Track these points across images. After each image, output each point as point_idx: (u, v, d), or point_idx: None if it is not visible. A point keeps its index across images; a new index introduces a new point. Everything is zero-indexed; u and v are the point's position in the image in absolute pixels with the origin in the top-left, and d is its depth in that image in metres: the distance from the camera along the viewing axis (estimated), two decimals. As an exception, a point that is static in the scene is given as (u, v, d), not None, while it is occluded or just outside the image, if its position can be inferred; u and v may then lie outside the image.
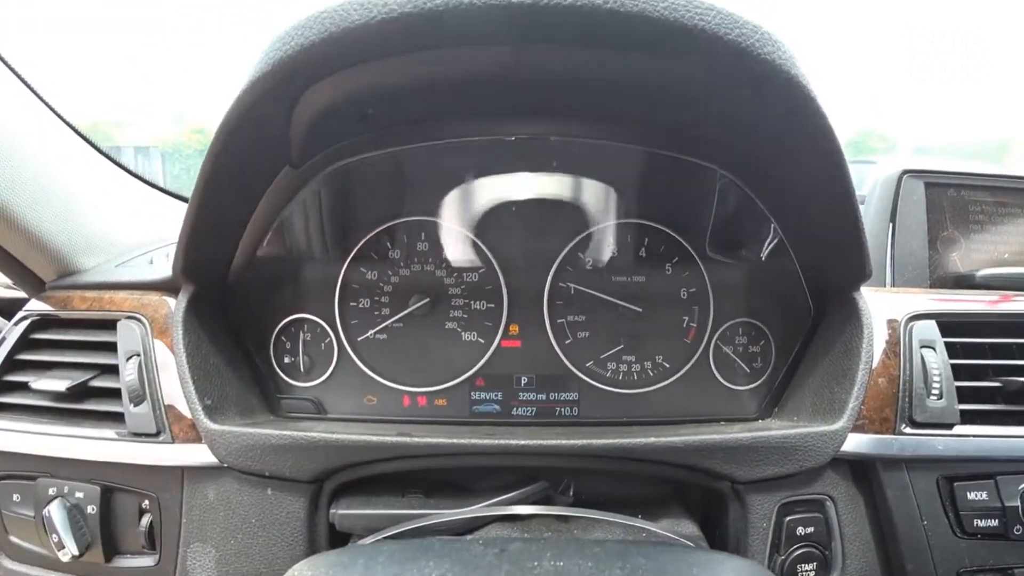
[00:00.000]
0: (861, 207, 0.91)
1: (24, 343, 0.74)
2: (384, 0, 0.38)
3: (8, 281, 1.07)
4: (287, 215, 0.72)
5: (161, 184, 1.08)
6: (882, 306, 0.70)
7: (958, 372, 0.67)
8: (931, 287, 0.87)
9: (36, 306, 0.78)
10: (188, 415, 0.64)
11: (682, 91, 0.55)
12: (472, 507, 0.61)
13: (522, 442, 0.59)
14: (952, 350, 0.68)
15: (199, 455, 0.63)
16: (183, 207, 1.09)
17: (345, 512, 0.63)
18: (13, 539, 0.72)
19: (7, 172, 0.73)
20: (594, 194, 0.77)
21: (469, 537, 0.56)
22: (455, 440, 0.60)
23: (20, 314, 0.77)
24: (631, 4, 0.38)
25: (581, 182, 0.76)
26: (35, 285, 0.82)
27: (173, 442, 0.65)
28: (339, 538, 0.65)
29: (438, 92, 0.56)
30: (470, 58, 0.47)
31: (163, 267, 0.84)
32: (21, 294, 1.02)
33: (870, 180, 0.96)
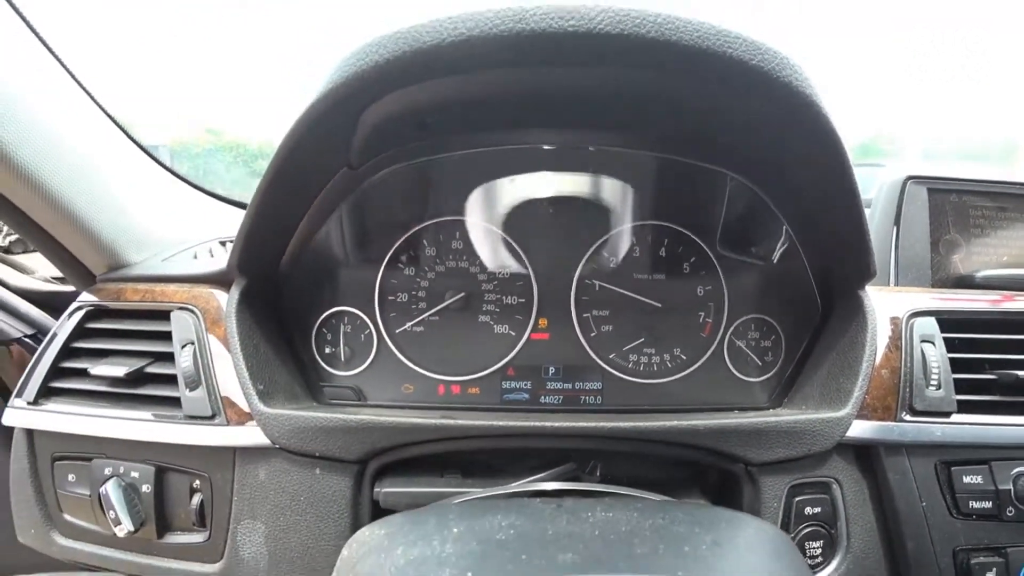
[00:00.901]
0: (868, 211, 0.97)
1: (79, 332, 0.78)
2: (453, 25, 0.44)
3: (48, 275, 1.13)
4: (337, 214, 0.76)
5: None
6: (886, 304, 0.75)
7: (956, 365, 0.72)
8: (933, 287, 0.90)
9: (88, 298, 0.81)
10: (240, 400, 0.68)
11: (707, 106, 0.60)
12: (506, 485, 0.66)
13: (555, 424, 0.64)
14: (951, 345, 0.73)
15: (251, 437, 0.67)
16: (219, 205, 1.15)
17: (389, 490, 0.68)
18: (67, 517, 0.76)
19: (67, 170, 0.77)
20: (619, 197, 0.81)
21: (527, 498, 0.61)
22: (492, 422, 0.65)
23: (75, 305, 0.81)
24: (669, 33, 0.43)
25: (607, 186, 0.81)
26: (86, 278, 0.86)
27: (227, 425, 0.69)
28: (381, 515, 0.70)
29: (492, 104, 0.61)
30: (524, 75, 0.52)
31: (209, 261, 0.89)
32: (62, 288, 1.07)
33: (876, 185, 1.01)
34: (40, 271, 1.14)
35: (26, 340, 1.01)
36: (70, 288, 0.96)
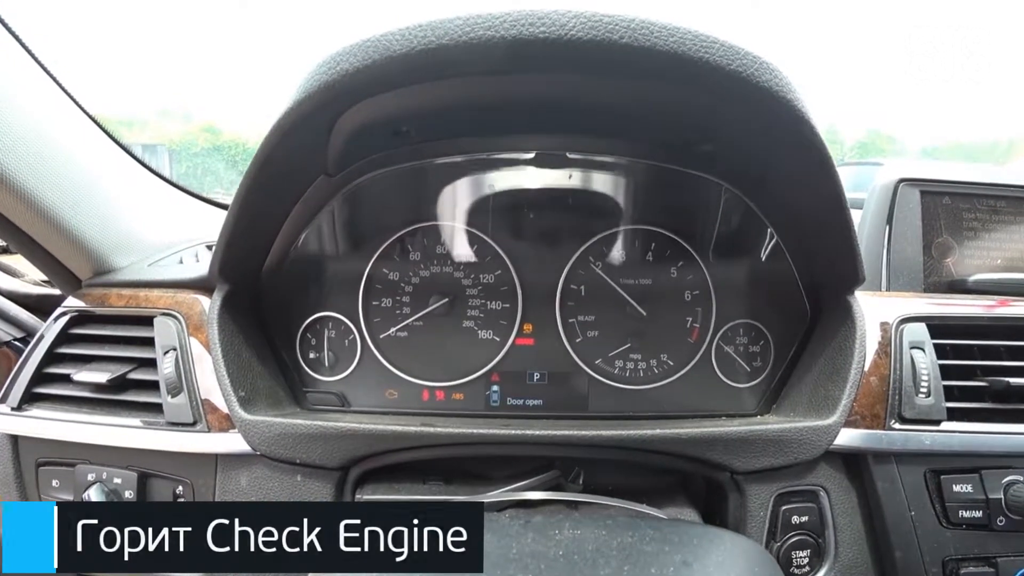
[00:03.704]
0: (860, 212, 0.95)
1: (64, 337, 0.78)
2: (423, 32, 0.43)
3: (38, 278, 1.13)
4: (318, 220, 0.76)
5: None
6: (876, 309, 0.74)
7: (948, 372, 0.71)
8: (925, 291, 0.89)
9: (74, 303, 0.81)
10: (222, 406, 0.68)
11: (689, 112, 0.59)
12: (489, 493, 0.66)
13: (537, 432, 0.63)
14: (942, 351, 0.72)
15: (232, 443, 0.67)
16: (206, 208, 1.14)
17: (370, 498, 0.67)
18: (52, 522, 0.76)
19: (51, 174, 0.77)
20: (604, 202, 0.81)
21: (496, 513, 0.60)
22: (474, 430, 0.64)
23: (59, 310, 0.81)
24: (644, 39, 0.43)
25: (593, 191, 0.80)
26: (72, 283, 0.85)
27: (208, 431, 0.68)
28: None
29: (466, 111, 0.61)
30: (497, 82, 0.51)
31: (193, 267, 0.88)
32: (50, 291, 1.07)
33: (872, 186, 0.99)
34: (29, 274, 1.14)
35: (15, 343, 1.01)
36: (58, 292, 0.95)
